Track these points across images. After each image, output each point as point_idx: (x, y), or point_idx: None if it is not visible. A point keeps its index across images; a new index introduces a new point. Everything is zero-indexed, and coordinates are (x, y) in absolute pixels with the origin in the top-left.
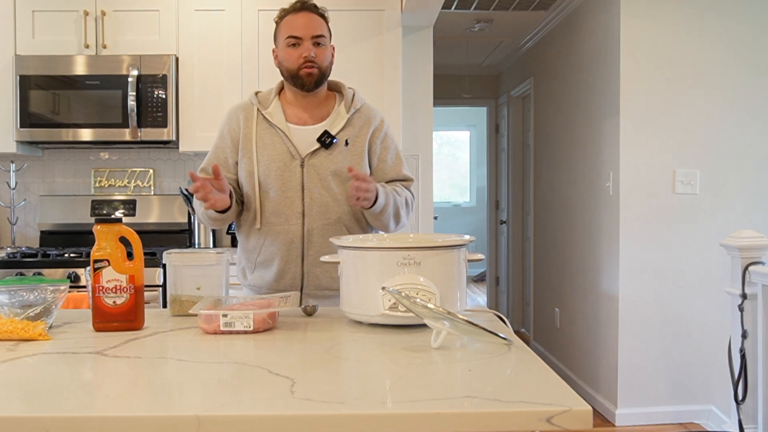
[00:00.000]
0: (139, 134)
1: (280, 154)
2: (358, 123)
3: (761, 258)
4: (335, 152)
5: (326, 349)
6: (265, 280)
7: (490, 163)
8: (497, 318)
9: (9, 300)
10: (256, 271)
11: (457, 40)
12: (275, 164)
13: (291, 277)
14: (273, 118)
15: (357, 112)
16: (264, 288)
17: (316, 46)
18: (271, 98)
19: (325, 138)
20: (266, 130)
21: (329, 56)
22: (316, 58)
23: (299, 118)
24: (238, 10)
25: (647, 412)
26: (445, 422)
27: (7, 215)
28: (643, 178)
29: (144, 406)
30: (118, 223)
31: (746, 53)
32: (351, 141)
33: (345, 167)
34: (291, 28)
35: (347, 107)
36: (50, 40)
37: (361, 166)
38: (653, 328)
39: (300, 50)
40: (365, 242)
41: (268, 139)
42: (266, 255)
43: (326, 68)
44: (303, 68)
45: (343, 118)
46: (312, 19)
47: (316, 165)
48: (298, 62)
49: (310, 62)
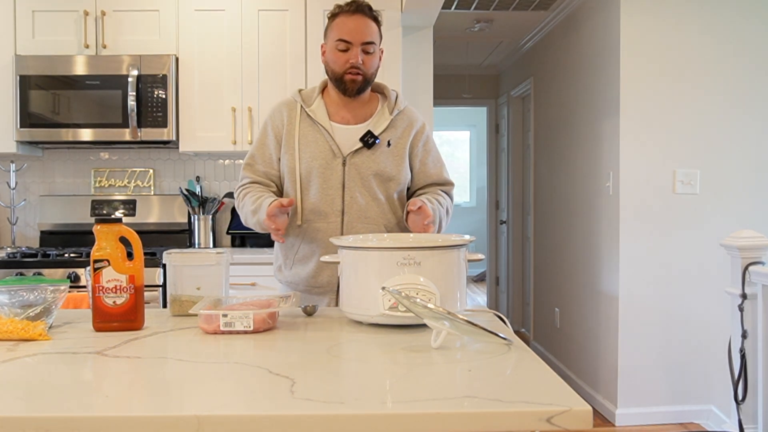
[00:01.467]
0: (139, 134)
1: (322, 151)
2: (400, 125)
3: (761, 258)
4: (377, 152)
5: (326, 349)
6: (302, 277)
7: (490, 163)
8: (497, 318)
9: (9, 300)
10: (294, 267)
11: (457, 40)
12: (317, 161)
13: (329, 274)
14: (316, 116)
15: (400, 114)
16: (301, 284)
17: (365, 53)
18: (315, 96)
19: (368, 138)
20: (309, 127)
21: (377, 62)
22: (363, 65)
23: (342, 117)
24: (238, 10)
25: (647, 412)
26: (445, 422)
27: (7, 215)
28: (643, 178)
29: (144, 406)
30: (118, 223)
31: (746, 53)
32: (393, 142)
33: (386, 167)
34: (342, 31)
35: (390, 109)
36: (50, 40)
37: (402, 167)
38: (653, 328)
39: (348, 55)
40: (365, 242)
41: (311, 137)
42: (305, 252)
43: (371, 75)
44: (348, 74)
45: (386, 119)
46: (365, 24)
47: (357, 164)
48: (344, 67)
49: (356, 68)
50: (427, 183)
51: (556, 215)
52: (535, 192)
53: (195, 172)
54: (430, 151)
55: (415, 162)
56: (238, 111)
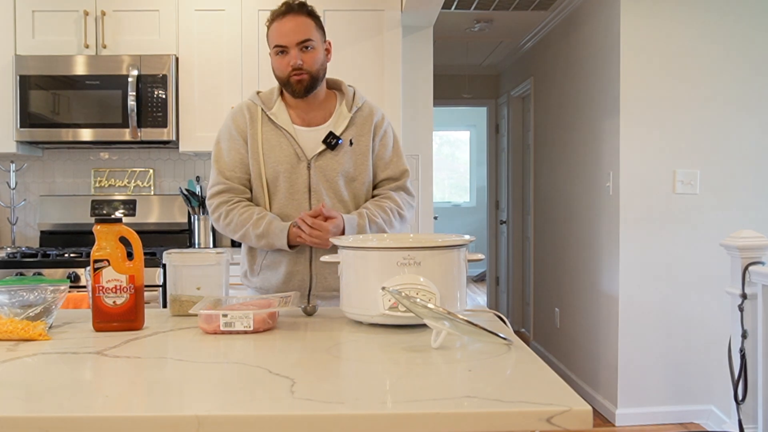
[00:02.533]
0: (139, 134)
1: (287, 155)
2: (360, 121)
3: (761, 258)
4: (341, 153)
5: (326, 349)
6: (272, 282)
7: (490, 163)
8: (497, 318)
9: (9, 300)
10: (261, 273)
11: (457, 40)
12: (282, 166)
13: (299, 279)
14: (278, 119)
15: (359, 111)
16: (271, 290)
17: (303, 51)
18: (274, 98)
19: (330, 139)
20: (272, 131)
21: (320, 58)
22: (305, 65)
23: (303, 120)
24: (238, 10)
25: (647, 412)
26: (445, 422)
27: (7, 215)
28: (643, 178)
29: (144, 406)
30: (118, 223)
31: (746, 54)
32: (355, 140)
33: (350, 167)
34: (276, 37)
35: (348, 106)
36: (50, 40)
37: (365, 165)
38: (653, 328)
39: (287, 58)
40: (365, 242)
41: (275, 141)
42: (274, 257)
43: (317, 72)
44: (292, 76)
45: (345, 117)
46: (298, 23)
47: (322, 166)
48: (286, 71)
49: (298, 70)
50: (382, 178)
51: (556, 215)
52: (535, 192)
53: (195, 172)
54: (386, 145)
55: (372, 156)
56: None
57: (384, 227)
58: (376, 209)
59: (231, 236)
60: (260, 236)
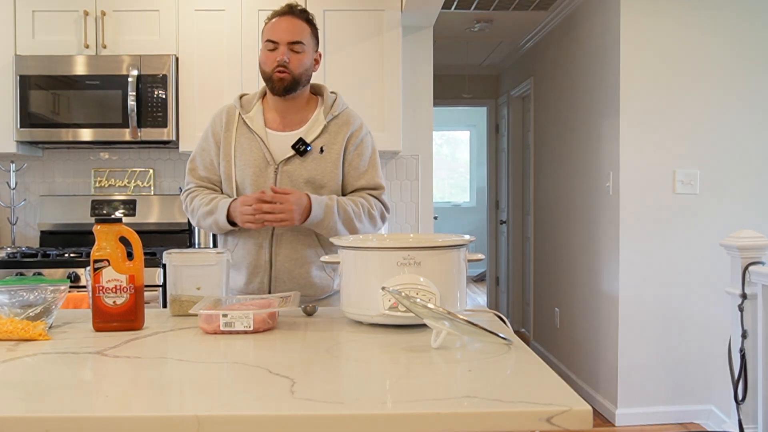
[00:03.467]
0: (139, 134)
1: (256, 159)
2: (334, 129)
3: (761, 258)
4: (309, 159)
5: (326, 349)
6: (237, 283)
7: (490, 163)
8: (497, 318)
9: (9, 300)
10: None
11: (457, 40)
12: (251, 169)
13: (259, 281)
14: (252, 123)
15: (335, 119)
16: (236, 290)
17: (292, 51)
18: (254, 102)
19: (299, 145)
20: (245, 134)
21: (306, 63)
22: (290, 64)
23: (278, 124)
24: (238, 10)
25: (647, 412)
26: (445, 422)
27: (7, 215)
28: (643, 178)
29: (144, 406)
30: (118, 223)
31: (747, 53)
32: (326, 148)
33: (318, 174)
34: (270, 32)
35: (325, 113)
36: (50, 40)
37: (335, 173)
38: (653, 328)
39: (275, 54)
40: (365, 242)
41: (246, 144)
42: (237, 257)
43: (300, 75)
44: (275, 72)
45: (320, 124)
46: (294, 24)
47: (289, 172)
48: (272, 66)
49: (282, 67)
50: (355, 187)
51: (556, 215)
52: (535, 192)
53: None
54: (362, 155)
55: (345, 166)
56: None
57: (352, 218)
58: (347, 200)
59: (195, 225)
60: (209, 213)
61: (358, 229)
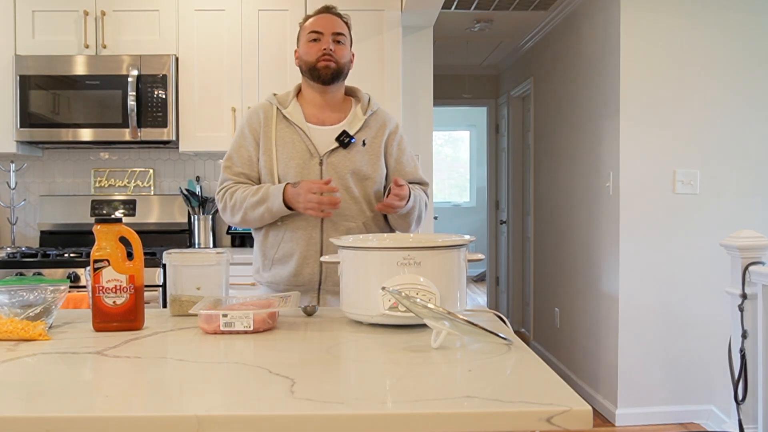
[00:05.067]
0: (139, 134)
1: (299, 152)
2: (374, 125)
3: (761, 258)
4: (353, 152)
5: (326, 349)
6: (283, 277)
7: (490, 163)
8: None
9: (9, 300)
10: (273, 267)
11: (457, 40)
12: (294, 161)
13: (309, 272)
14: (292, 117)
15: (373, 115)
16: (282, 284)
17: (336, 42)
18: (290, 99)
19: (343, 137)
20: (286, 128)
21: (348, 55)
22: (335, 53)
23: (318, 118)
24: (238, 10)
25: (647, 412)
26: (445, 422)
27: (7, 215)
28: (643, 178)
29: (144, 406)
30: (118, 223)
31: (747, 53)
32: (368, 141)
33: (362, 166)
34: (313, 25)
35: (363, 109)
36: (50, 40)
37: (377, 166)
38: (653, 328)
39: (320, 44)
40: (365, 242)
41: (288, 138)
42: (284, 251)
43: (344, 65)
44: (321, 60)
45: (360, 119)
46: (334, 20)
47: (334, 163)
48: (317, 55)
49: (328, 55)
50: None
51: (556, 215)
52: (535, 192)
53: (195, 172)
54: (404, 150)
55: (390, 160)
56: (238, 111)
57: (423, 208)
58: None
59: (238, 221)
60: (259, 201)
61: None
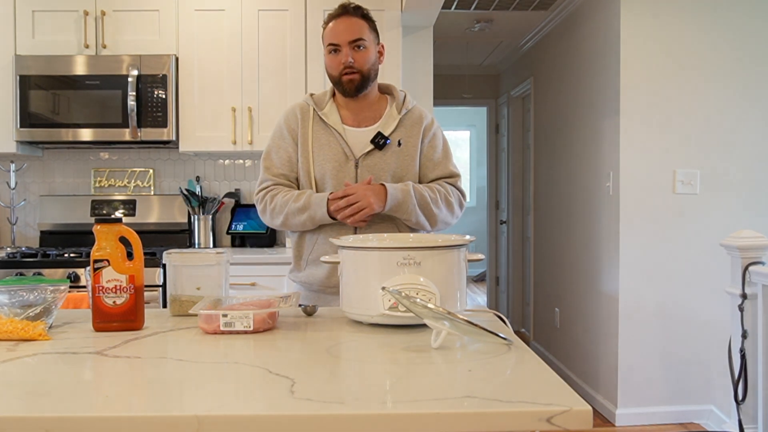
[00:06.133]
0: (139, 134)
1: (335, 154)
2: (409, 123)
3: (761, 258)
4: (389, 153)
5: (326, 349)
6: (317, 278)
7: (490, 163)
8: (497, 318)
9: (9, 300)
10: (307, 268)
11: (457, 40)
12: (330, 164)
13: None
14: (329, 119)
15: (408, 113)
16: (315, 285)
17: (355, 50)
18: (327, 100)
19: (378, 139)
20: (322, 130)
21: (372, 58)
22: (356, 63)
23: (353, 120)
24: (238, 10)
25: (647, 412)
26: (445, 422)
27: (7, 215)
28: (643, 178)
29: (144, 406)
30: (118, 223)
31: (747, 53)
32: (404, 141)
33: (398, 167)
34: (330, 36)
35: (398, 108)
36: (50, 40)
37: (413, 166)
38: (653, 328)
39: (339, 57)
40: (365, 242)
41: (324, 140)
42: (319, 252)
43: (368, 71)
44: (344, 75)
45: (395, 119)
46: (351, 23)
47: (370, 166)
48: (338, 69)
49: (349, 68)
50: (431, 178)
51: (556, 215)
52: (535, 192)
53: (195, 172)
54: (435, 147)
55: (421, 158)
56: (238, 111)
57: (429, 202)
58: (424, 186)
59: (277, 223)
60: (301, 209)
61: (436, 214)
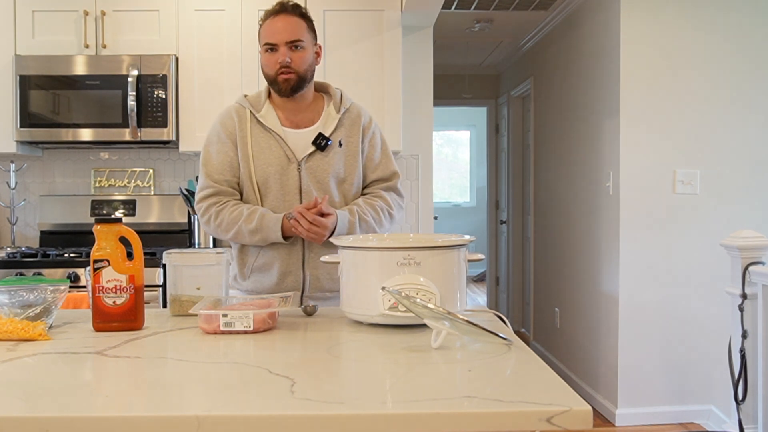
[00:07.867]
0: (139, 134)
1: (277, 157)
2: (348, 123)
3: (761, 258)
4: (330, 154)
5: (326, 349)
6: (265, 285)
7: (490, 163)
8: (497, 318)
9: (9, 300)
10: (252, 275)
11: (457, 40)
12: (272, 168)
13: (293, 280)
14: (267, 122)
15: (347, 112)
16: (264, 293)
17: (292, 50)
18: (263, 101)
19: (320, 140)
20: (261, 133)
21: (308, 59)
22: (292, 64)
23: (292, 122)
24: (238, 9)
25: (647, 412)
26: (445, 422)
27: (7, 215)
28: (643, 178)
29: (144, 406)
30: (118, 223)
31: (747, 53)
32: (344, 141)
33: (341, 168)
34: (266, 35)
35: (336, 108)
36: (50, 40)
37: (355, 166)
38: (653, 328)
39: (276, 56)
40: (365, 242)
41: (264, 143)
42: (265, 259)
43: (305, 72)
44: (280, 74)
45: (334, 119)
46: (289, 22)
47: (313, 168)
48: (274, 68)
49: (285, 68)
50: (371, 179)
51: (556, 215)
52: (535, 192)
53: (195, 172)
54: (375, 147)
55: (362, 158)
56: None
57: (374, 226)
58: (367, 207)
59: (223, 237)
60: (254, 231)
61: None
